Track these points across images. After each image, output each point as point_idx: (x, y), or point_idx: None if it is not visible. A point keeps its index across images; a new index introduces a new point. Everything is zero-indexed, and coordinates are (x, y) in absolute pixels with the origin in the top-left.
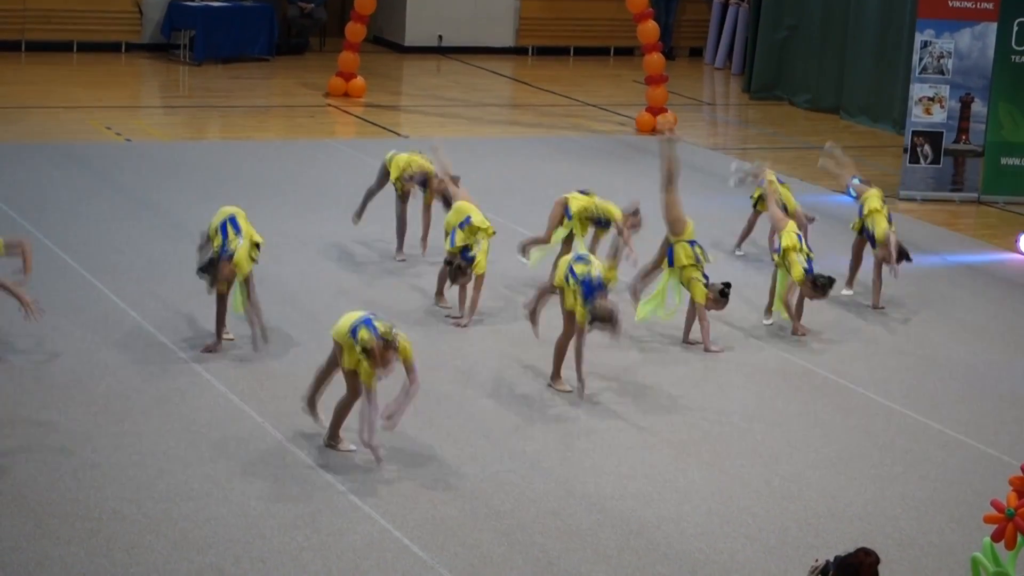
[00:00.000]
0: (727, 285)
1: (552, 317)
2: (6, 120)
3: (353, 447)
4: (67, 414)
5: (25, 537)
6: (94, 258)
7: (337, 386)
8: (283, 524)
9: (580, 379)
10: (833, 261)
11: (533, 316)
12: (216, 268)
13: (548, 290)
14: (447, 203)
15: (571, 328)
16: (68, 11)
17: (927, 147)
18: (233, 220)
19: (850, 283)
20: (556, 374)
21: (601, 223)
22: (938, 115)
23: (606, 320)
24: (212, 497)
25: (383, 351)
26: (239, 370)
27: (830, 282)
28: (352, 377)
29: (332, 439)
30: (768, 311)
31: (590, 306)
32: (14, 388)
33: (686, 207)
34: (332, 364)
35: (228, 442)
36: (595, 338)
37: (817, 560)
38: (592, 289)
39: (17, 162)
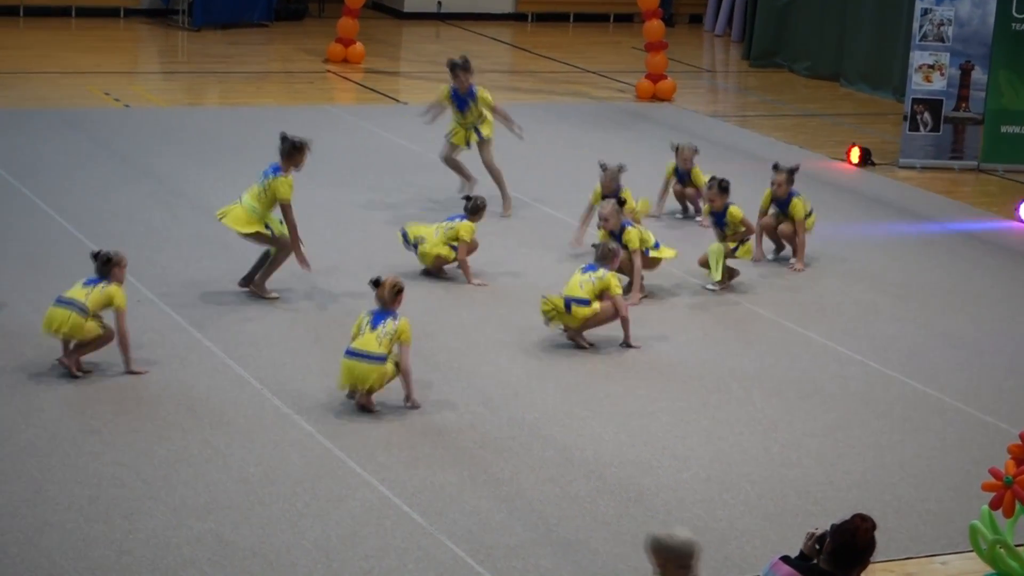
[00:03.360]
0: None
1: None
2: (4, 85)
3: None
4: (65, 380)
5: (24, 503)
6: (92, 224)
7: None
8: (282, 490)
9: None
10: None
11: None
12: None
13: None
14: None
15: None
16: None
17: (927, 115)
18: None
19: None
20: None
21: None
22: (938, 83)
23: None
24: (211, 463)
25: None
26: (238, 337)
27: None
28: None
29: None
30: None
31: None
32: (12, 355)
33: None
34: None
35: (227, 408)
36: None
37: (816, 529)
38: None
39: (15, 127)
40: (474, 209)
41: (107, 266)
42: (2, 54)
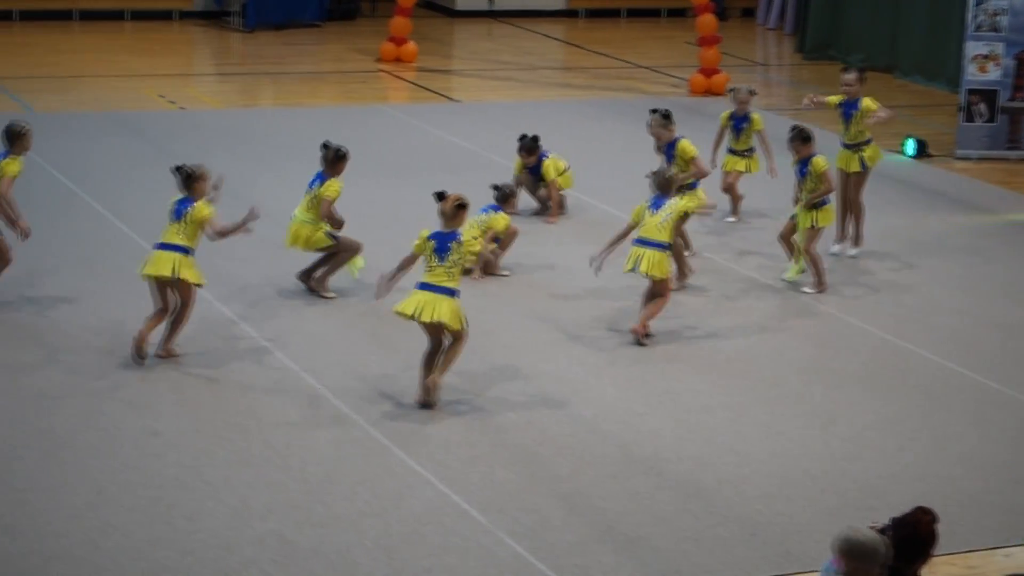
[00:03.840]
0: None
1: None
2: (60, 89)
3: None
4: (126, 383)
5: (87, 505)
6: (149, 227)
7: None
8: (343, 490)
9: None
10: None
11: None
12: None
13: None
14: None
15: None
16: None
17: (982, 105)
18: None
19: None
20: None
21: None
22: (993, 73)
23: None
24: (272, 464)
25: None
26: (296, 337)
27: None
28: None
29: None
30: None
31: None
32: (75, 357)
33: None
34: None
35: (287, 409)
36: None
37: (875, 522)
38: None
39: (71, 131)
40: (503, 197)
41: (190, 181)
42: (57, 58)
